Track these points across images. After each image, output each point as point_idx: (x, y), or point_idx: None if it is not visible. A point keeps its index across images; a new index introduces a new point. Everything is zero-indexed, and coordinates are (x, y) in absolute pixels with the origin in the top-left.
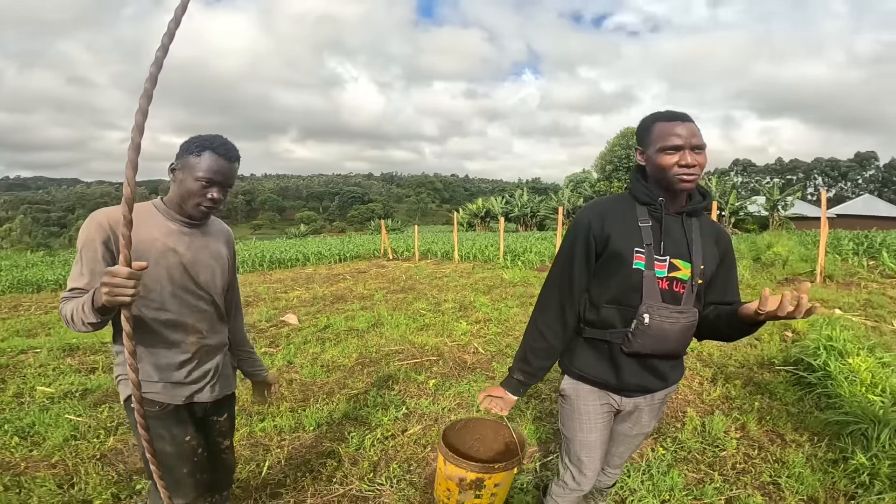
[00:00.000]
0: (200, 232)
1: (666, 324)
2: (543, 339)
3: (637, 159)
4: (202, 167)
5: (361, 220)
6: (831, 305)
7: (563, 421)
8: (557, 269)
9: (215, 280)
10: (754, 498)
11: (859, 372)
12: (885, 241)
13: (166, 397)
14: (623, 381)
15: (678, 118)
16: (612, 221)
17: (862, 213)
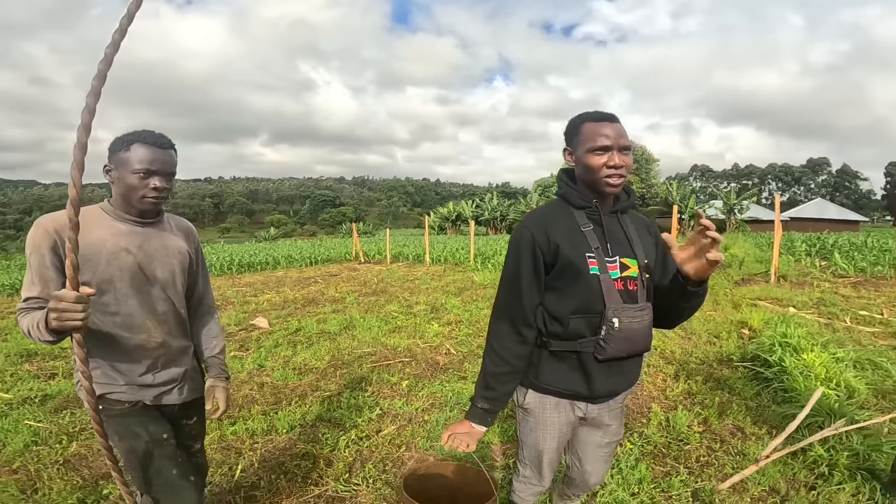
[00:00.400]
0: (156, 230)
1: (633, 324)
2: (505, 363)
3: (566, 160)
4: (135, 159)
5: (333, 223)
6: (786, 304)
7: (525, 432)
8: (506, 291)
9: (174, 278)
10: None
11: (813, 367)
12: (836, 243)
13: (133, 396)
14: (594, 389)
15: (606, 119)
16: (556, 230)
17: (814, 217)
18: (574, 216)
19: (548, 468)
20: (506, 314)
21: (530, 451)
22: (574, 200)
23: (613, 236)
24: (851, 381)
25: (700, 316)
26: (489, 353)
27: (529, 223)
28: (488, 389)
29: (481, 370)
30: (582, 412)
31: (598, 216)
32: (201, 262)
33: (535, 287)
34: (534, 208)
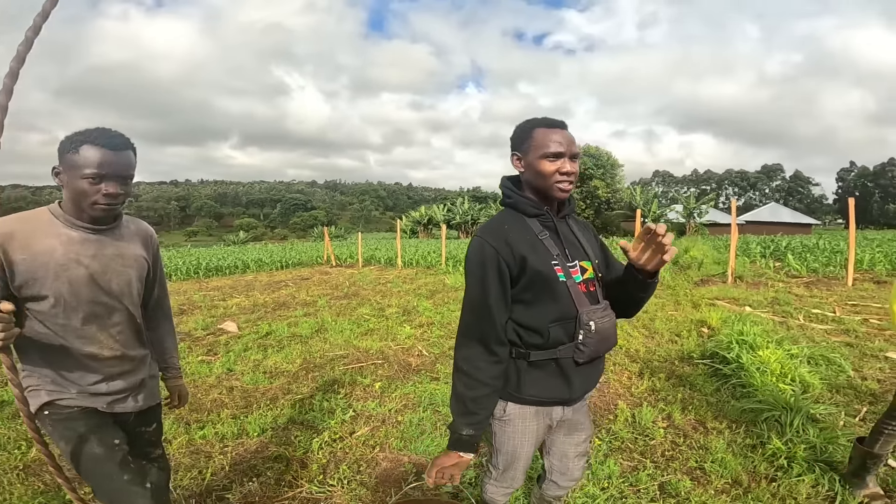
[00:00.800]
0: (111, 237)
1: (605, 324)
2: (484, 386)
3: (514, 165)
4: (84, 162)
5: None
6: (742, 303)
7: (503, 441)
8: (475, 312)
9: (131, 288)
10: (683, 482)
11: (769, 363)
12: (789, 245)
13: (85, 402)
14: (573, 391)
15: (558, 125)
16: (518, 242)
17: (768, 220)
18: (529, 225)
19: (522, 472)
20: (476, 336)
21: (506, 458)
22: (527, 209)
23: (569, 241)
24: (806, 377)
25: (662, 316)
26: (464, 378)
27: (489, 238)
28: (471, 415)
29: (457, 398)
30: (560, 415)
31: (552, 223)
32: (159, 268)
33: (503, 304)
34: (485, 222)
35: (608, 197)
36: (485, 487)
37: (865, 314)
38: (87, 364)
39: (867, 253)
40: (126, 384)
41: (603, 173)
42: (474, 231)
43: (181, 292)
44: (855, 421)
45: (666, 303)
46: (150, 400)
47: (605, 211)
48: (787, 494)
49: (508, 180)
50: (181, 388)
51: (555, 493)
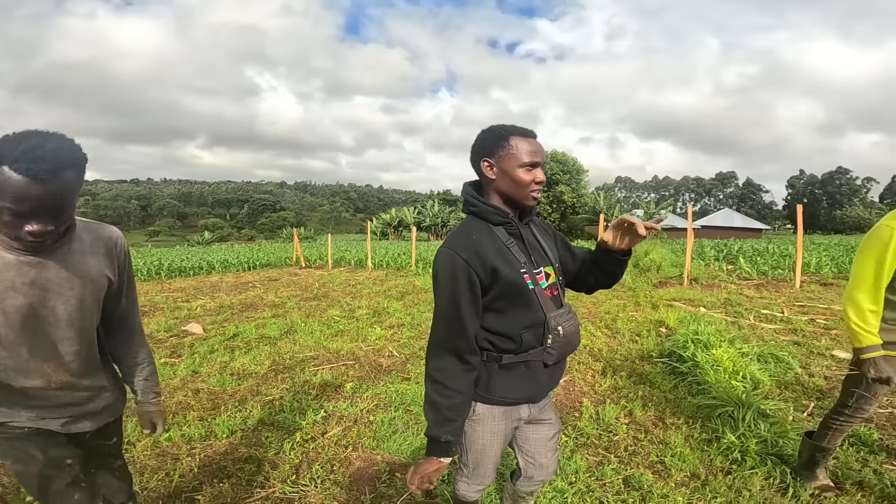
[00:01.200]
0: (55, 258)
1: (571, 327)
2: (458, 394)
3: (485, 172)
4: (2, 192)
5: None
6: (697, 304)
7: (472, 440)
8: (446, 324)
9: (82, 313)
10: (646, 476)
11: (722, 361)
12: (741, 249)
13: (36, 424)
14: (541, 390)
15: (532, 135)
16: (487, 252)
17: (722, 225)
18: (495, 233)
19: (492, 468)
20: (448, 346)
21: (476, 456)
22: (492, 217)
23: (533, 248)
24: (756, 374)
25: (623, 316)
26: (438, 388)
27: (459, 249)
28: (449, 422)
29: (433, 406)
30: (527, 413)
31: (517, 230)
32: (127, 278)
33: (474, 315)
34: (451, 231)
35: (573, 201)
36: (457, 485)
37: (812, 314)
38: (34, 397)
39: (814, 257)
40: (81, 411)
41: (569, 178)
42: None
43: (142, 293)
44: (803, 416)
45: (627, 304)
46: (109, 416)
47: (570, 215)
48: (743, 486)
49: (471, 187)
50: (155, 414)
51: (529, 488)
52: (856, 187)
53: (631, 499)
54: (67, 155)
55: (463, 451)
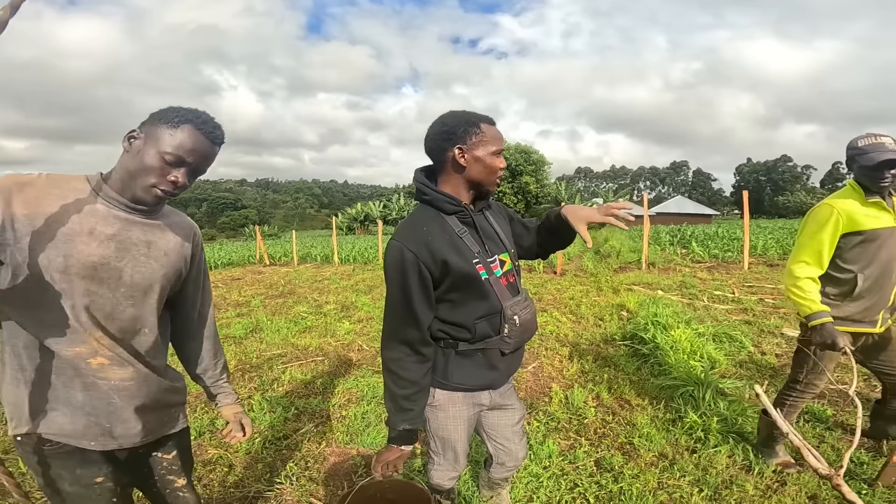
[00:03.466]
0: (143, 221)
1: (527, 314)
2: (413, 384)
3: (458, 160)
4: (175, 142)
5: (234, 226)
6: (655, 287)
7: (436, 427)
8: (398, 317)
9: (151, 287)
10: (616, 457)
11: (681, 342)
12: (693, 234)
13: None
14: (500, 377)
15: (494, 122)
16: (438, 244)
17: (676, 211)
18: (447, 223)
19: (462, 455)
20: (401, 338)
21: (443, 443)
22: (445, 206)
23: (487, 235)
24: (713, 353)
25: (587, 301)
26: (394, 378)
27: (408, 242)
28: (405, 411)
29: (390, 396)
30: (487, 400)
31: (470, 218)
32: (202, 269)
33: (426, 307)
34: (402, 222)
35: (537, 192)
36: (430, 474)
37: (761, 294)
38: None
39: (760, 239)
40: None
41: (533, 170)
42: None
43: None
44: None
45: (590, 289)
46: (166, 428)
47: (534, 205)
48: (708, 465)
49: (422, 174)
50: (242, 414)
51: (502, 475)
52: (797, 174)
53: (604, 480)
54: (223, 135)
55: (430, 439)
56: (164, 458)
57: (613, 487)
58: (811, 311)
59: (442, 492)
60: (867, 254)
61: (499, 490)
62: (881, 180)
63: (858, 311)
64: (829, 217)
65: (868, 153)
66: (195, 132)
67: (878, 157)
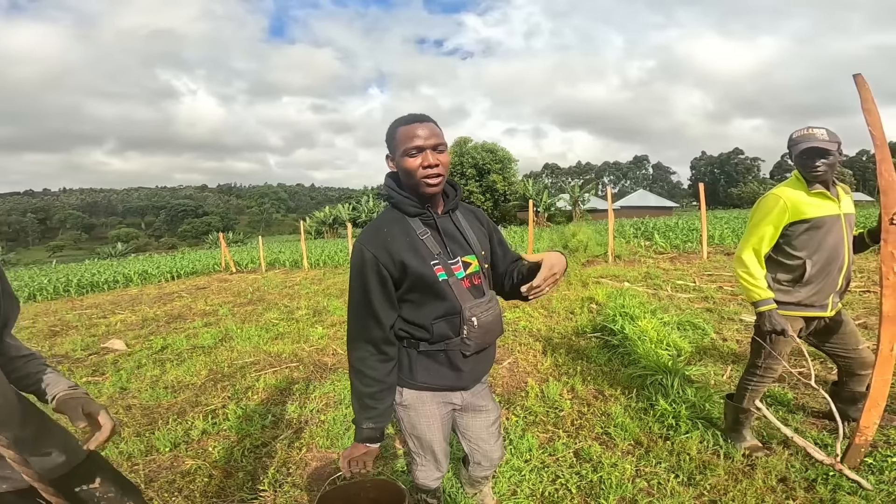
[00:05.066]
0: None
1: (489, 316)
2: (377, 382)
3: (388, 167)
4: None
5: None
6: (621, 279)
7: (409, 426)
8: (360, 318)
9: None
10: (594, 448)
11: (647, 332)
12: (656, 226)
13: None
14: (465, 379)
15: (417, 120)
16: (397, 247)
17: (638, 205)
18: (410, 225)
19: (441, 454)
20: (365, 338)
21: (420, 443)
22: (407, 209)
23: (451, 237)
24: (678, 342)
25: (558, 295)
26: (358, 376)
27: (368, 244)
28: (369, 409)
29: (356, 395)
30: (458, 400)
31: (433, 221)
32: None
33: (387, 307)
34: (368, 224)
35: (505, 189)
36: (415, 474)
37: (720, 282)
38: None
39: (717, 229)
40: None
41: (500, 168)
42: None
43: (50, 313)
44: (724, 379)
45: (560, 283)
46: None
47: (503, 203)
48: (681, 451)
49: (391, 178)
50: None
51: (480, 473)
52: (749, 166)
53: (584, 470)
54: None
55: (408, 440)
56: (91, 489)
57: (594, 477)
58: (759, 298)
59: (427, 491)
60: (814, 241)
61: (480, 487)
62: (812, 169)
63: (809, 296)
64: (775, 206)
65: (798, 143)
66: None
67: (802, 146)
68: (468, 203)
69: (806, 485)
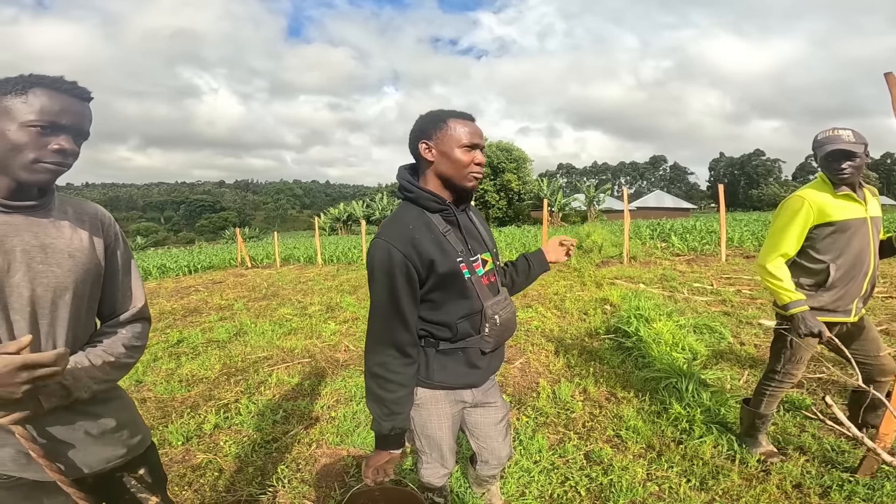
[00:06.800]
0: (31, 218)
1: (507, 314)
2: (401, 387)
3: (422, 154)
4: (35, 108)
5: (213, 229)
6: (637, 281)
7: (420, 425)
8: (385, 319)
9: (61, 298)
10: (605, 450)
11: (663, 334)
12: (673, 227)
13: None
14: (480, 376)
15: (470, 118)
16: (424, 243)
17: (655, 206)
18: (432, 221)
19: (448, 452)
20: (389, 341)
21: (428, 441)
22: (428, 204)
23: (470, 234)
24: (694, 345)
25: (571, 296)
26: (381, 382)
27: (396, 243)
28: (394, 415)
29: (377, 401)
30: (469, 398)
31: (454, 217)
32: (125, 259)
33: (413, 309)
34: (386, 221)
35: (519, 189)
36: (421, 472)
37: (738, 286)
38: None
39: (737, 232)
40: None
41: (515, 167)
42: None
43: None
44: (740, 384)
45: (574, 284)
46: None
47: (517, 202)
48: (694, 455)
49: (407, 171)
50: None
51: (488, 472)
52: (770, 168)
53: (594, 473)
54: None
55: (416, 438)
56: (132, 476)
57: (604, 480)
58: (789, 300)
59: (434, 490)
60: (839, 244)
61: (487, 486)
62: (838, 172)
63: (832, 301)
64: (801, 208)
65: (823, 145)
66: (52, 93)
67: (828, 148)
68: None
69: (821, 491)
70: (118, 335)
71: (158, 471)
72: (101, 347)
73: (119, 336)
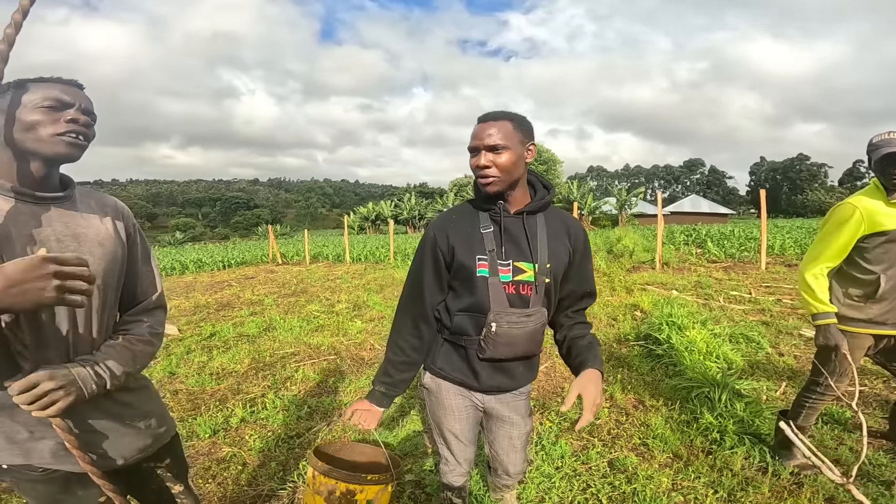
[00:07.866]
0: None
1: (514, 329)
2: (402, 353)
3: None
4: (38, 95)
5: (247, 226)
6: (669, 287)
7: (430, 411)
8: (410, 289)
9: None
10: (630, 458)
11: (696, 343)
12: (709, 233)
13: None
14: (481, 382)
15: (483, 119)
16: (456, 233)
17: (690, 211)
18: (478, 218)
19: (458, 450)
20: (408, 310)
21: (438, 430)
22: (479, 204)
23: (512, 239)
24: (729, 354)
25: (599, 301)
26: (390, 342)
27: (434, 225)
28: (386, 375)
29: (385, 358)
30: (480, 400)
31: (500, 218)
32: (144, 248)
33: (436, 286)
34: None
35: None
36: (441, 471)
37: (779, 295)
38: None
39: (778, 239)
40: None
41: (545, 169)
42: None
43: None
44: (777, 395)
45: (602, 289)
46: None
47: None
48: (724, 466)
49: None
50: None
51: (502, 482)
52: (815, 173)
53: (617, 481)
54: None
55: (433, 428)
56: (157, 467)
57: (627, 488)
58: (817, 311)
59: (452, 489)
60: (890, 254)
61: (502, 493)
62: (893, 177)
63: (882, 313)
64: (851, 216)
65: (878, 148)
66: (47, 83)
67: (883, 151)
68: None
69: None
70: (143, 323)
71: (182, 461)
72: (130, 335)
73: (144, 324)
